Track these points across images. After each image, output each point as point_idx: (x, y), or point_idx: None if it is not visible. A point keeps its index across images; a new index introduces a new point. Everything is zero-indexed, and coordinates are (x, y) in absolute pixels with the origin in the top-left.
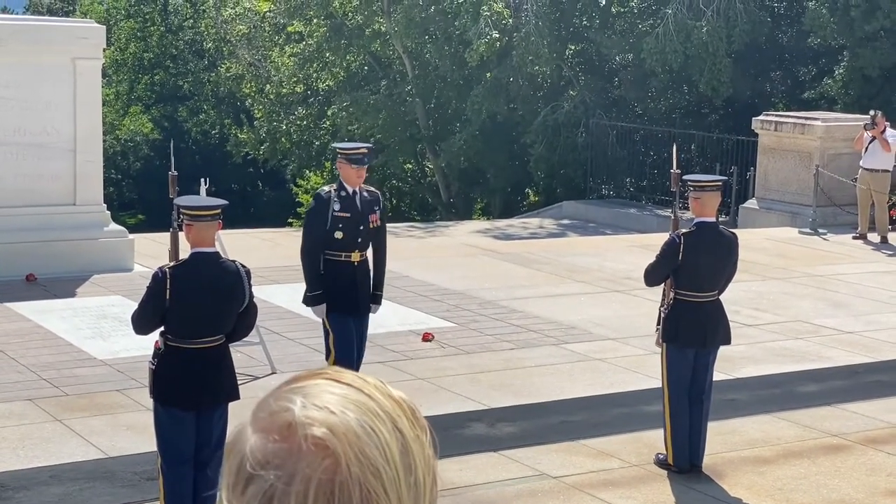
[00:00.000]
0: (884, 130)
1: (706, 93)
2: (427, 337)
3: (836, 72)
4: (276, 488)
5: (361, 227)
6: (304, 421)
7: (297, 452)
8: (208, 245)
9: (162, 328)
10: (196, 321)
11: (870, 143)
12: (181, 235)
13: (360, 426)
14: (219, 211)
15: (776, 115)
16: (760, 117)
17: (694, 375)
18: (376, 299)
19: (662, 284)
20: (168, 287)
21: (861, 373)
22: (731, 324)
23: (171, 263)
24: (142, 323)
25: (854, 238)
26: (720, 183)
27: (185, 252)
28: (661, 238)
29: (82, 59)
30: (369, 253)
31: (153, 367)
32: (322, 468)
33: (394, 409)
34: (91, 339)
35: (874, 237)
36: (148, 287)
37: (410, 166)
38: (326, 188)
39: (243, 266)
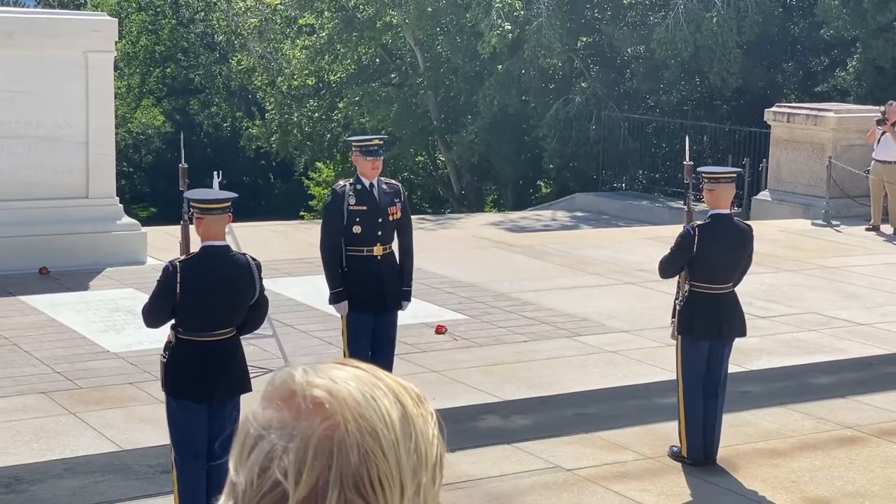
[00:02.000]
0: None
1: (716, 84)
2: (440, 329)
3: (849, 63)
4: (277, 447)
5: (380, 220)
6: (304, 385)
7: (297, 414)
8: (218, 238)
9: (173, 321)
10: (206, 314)
11: (882, 134)
12: (192, 228)
13: (361, 394)
14: (229, 204)
15: (789, 107)
16: (773, 108)
17: (709, 368)
18: (406, 295)
19: (677, 276)
20: (178, 281)
21: (875, 364)
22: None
23: (182, 257)
24: (152, 316)
25: (867, 230)
26: (734, 174)
27: (195, 245)
28: (674, 230)
29: (94, 52)
30: (396, 246)
31: (164, 360)
32: (321, 428)
33: (398, 387)
34: (104, 333)
35: (887, 229)
36: (158, 281)
37: (422, 158)
38: (342, 182)
39: (253, 259)
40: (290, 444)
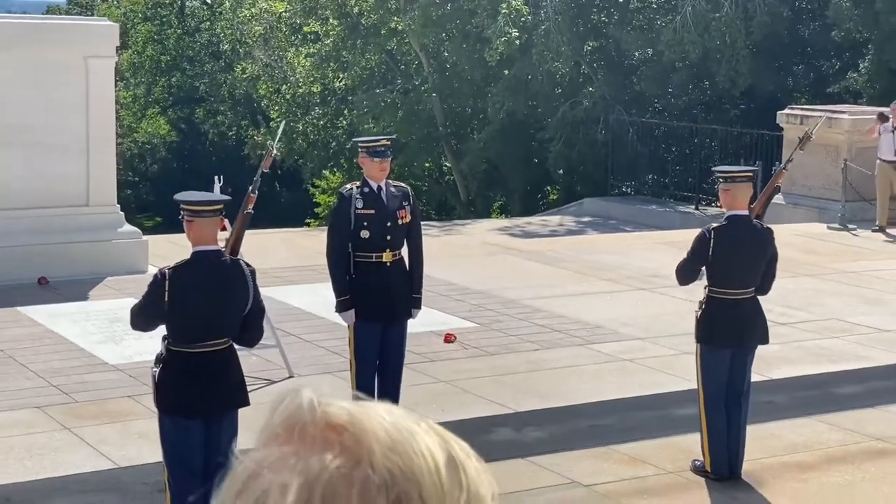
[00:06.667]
0: None
1: (724, 85)
2: (449, 338)
3: (861, 65)
4: (273, 487)
5: (389, 224)
6: (315, 408)
7: (304, 445)
8: (210, 243)
9: (164, 333)
10: (197, 324)
11: (892, 131)
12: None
13: (393, 425)
14: (221, 207)
15: (802, 109)
16: (786, 111)
17: (731, 376)
18: (416, 303)
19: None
20: (166, 289)
21: None
22: None
23: (172, 264)
24: (138, 322)
25: (874, 231)
26: (751, 173)
27: (186, 251)
28: (686, 234)
29: (95, 57)
30: (405, 252)
31: (155, 373)
32: (335, 464)
33: (443, 431)
34: (102, 344)
35: (894, 230)
36: (147, 288)
37: (429, 165)
38: (349, 185)
39: (248, 265)
40: (291, 481)
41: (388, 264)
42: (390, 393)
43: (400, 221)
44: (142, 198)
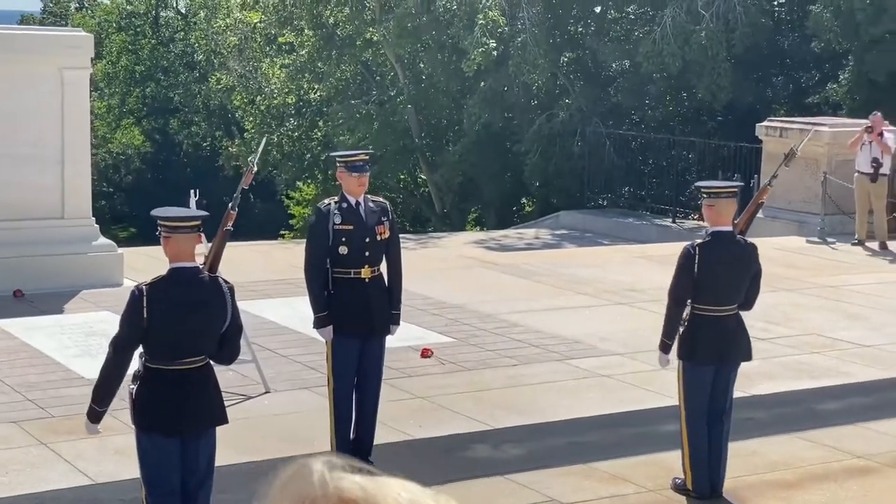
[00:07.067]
0: (881, 133)
1: (705, 98)
2: (426, 353)
3: (842, 76)
4: None
5: (367, 240)
6: (327, 482)
7: None
8: (188, 259)
9: (140, 349)
10: (175, 341)
11: (868, 143)
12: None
13: (410, 502)
14: (199, 223)
15: (781, 121)
16: (765, 123)
17: (713, 393)
18: (394, 319)
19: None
20: (145, 306)
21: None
22: None
23: (149, 280)
24: (118, 350)
25: (853, 245)
26: (736, 189)
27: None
28: (663, 248)
29: (70, 68)
30: (384, 268)
31: (133, 391)
32: None
33: None
34: (78, 358)
35: (873, 244)
36: (125, 308)
37: (403, 177)
38: (327, 201)
39: (226, 282)
40: None
41: (367, 280)
42: (368, 410)
43: (378, 237)
44: (116, 208)
